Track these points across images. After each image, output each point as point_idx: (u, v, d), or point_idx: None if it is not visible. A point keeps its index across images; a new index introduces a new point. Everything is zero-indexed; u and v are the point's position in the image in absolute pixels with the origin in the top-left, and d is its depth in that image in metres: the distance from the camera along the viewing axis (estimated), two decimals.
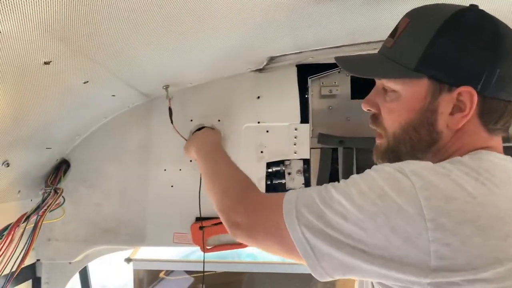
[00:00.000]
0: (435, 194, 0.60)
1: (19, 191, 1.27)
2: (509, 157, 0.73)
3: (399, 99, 0.75)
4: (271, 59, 1.33)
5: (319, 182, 1.35)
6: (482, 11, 0.72)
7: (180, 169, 1.41)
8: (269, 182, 1.39)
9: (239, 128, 1.39)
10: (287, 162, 1.39)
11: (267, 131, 1.39)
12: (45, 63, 0.85)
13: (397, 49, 0.75)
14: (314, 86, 1.37)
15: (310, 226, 0.66)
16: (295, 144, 1.38)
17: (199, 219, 1.38)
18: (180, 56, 1.10)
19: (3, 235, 1.06)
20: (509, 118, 0.73)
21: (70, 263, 1.46)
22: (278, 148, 1.38)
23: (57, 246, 1.43)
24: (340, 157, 1.35)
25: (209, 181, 1.02)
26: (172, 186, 1.41)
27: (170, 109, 1.34)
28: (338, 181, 0.71)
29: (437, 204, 0.59)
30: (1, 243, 1.04)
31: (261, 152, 1.39)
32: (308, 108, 1.37)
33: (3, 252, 1.04)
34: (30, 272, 1.43)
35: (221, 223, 1.34)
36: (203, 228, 1.37)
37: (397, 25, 0.78)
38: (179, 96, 1.39)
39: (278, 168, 1.39)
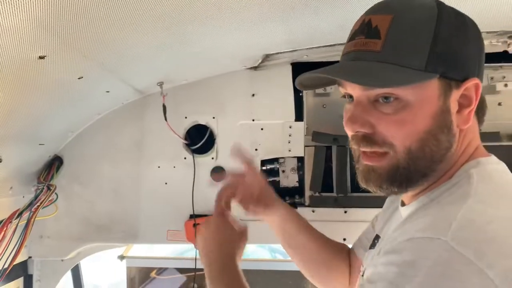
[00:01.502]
0: (493, 255, 0.53)
1: (11, 187, 1.26)
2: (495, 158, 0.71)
3: (409, 107, 0.64)
4: (266, 57, 1.33)
5: (313, 180, 1.36)
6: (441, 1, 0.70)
7: (174, 166, 1.41)
8: None
9: (233, 125, 1.39)
10: (281, 160, 1.40)
11: (262, 129, 1.39)
12: (40, 57, 0.85)
13: (392, 50, 0.65)
14: None
15: None
16: (289, 142, 1.38)
17: (192, 216, 1.38)
18: (174, 53, 1.10)
19: None
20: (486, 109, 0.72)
21: (62, 260, 1.45)
22: (273, 146, 1.39)
23: (50, 243, 1.42)
24: (334, 155, 1.36)
25: None
26: (166, 183, 1.41)
27: (164, 106, 1.33)
28: (331, 179, 0.67)
29: (500, 264, 0.52)
30: None
31: (256, 149, 1.39)
32: (302, 106, 1.37)
33: None
34: (22, 270, 1.42)
35: None
36: (197, 225, 1.37)
37: (368, 24, 0.67)
38: (173, 93, 1.38)
39: (273, 166, 1.39)
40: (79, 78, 1.03)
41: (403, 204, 0.76)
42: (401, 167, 0.66)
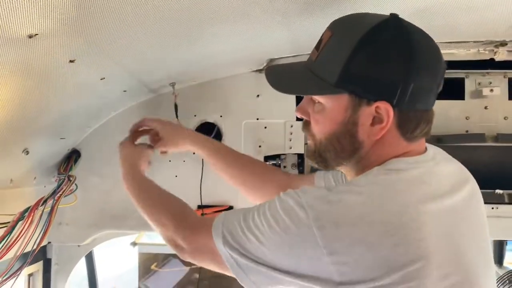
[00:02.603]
0: (326, 222, 0.68)
1: (35, 178, 1.37)
2: (424, 156, 0.79)
3: (324, 111, 0.79)
4: (271, 61, 1.44)
5: None
6: (401, 21, 0.75)
7: (184, 161, 1.51)
8: None
9: (239, 123, 1.50)
10: (282, 156, 1.50)
11: (265, 127, 1.50)
12: (70, 61, 0.94)
13: (319, 63, 0.78)
14: None
15: (235, 249, 0.76)
16: (290, 140, 1.48)
17: (200, 206, 1.49)
18: (188, 57, 1.20)
19: (24, 216, 1.16)
20: (425, 126, 0.78)
21: (79, 246, 1.56)
22: (275, 143, 1.49)
23: (67, 230, 1.54)
24: None
25: (143, 205, 1.07)
26: (176, 176, 1.52)
27: (175, 104, 1.44)
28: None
29: (328, 231, 0.68)
30: (23, 224, 1.15)
31: (259, 146, 1.49)
32: None
33: (24, 232, 1.15)
34: (42, 254, 1.53)
35: (221, 210, 1.47)
36: (204, 215, 1.48)
37: (321, 37, 0.80)
38: (184, 93, 1.48)
39: (275, 162, 1.50)
40: (101, 79, 1.13)
41: None
42: (317, 152, 0.84)
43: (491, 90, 1.40)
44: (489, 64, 1.41)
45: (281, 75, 0.88)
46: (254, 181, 1.22)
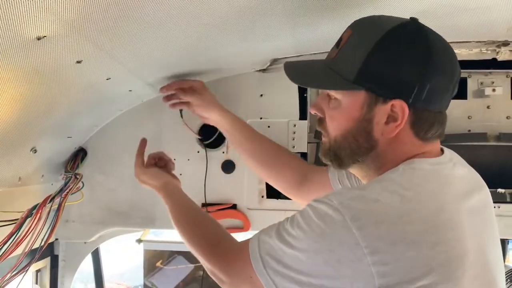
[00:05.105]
0: (365, 222, 0.68)
1: (42, 175, 1.40)
2: (443, 157, 0.81)
3: (340, 107, 0.81)
4: (274, 61, 1.46)
5: None
6: (420, 25, 0.78)
7: (188, 159, 1.54)
8: None
9: None
10: None
11: (268, 127, 1.51)
12: (77, 62, 0.96)
13: (339, 60, 0.80)
14: None
15: (275, 270, 0.74)
16: (293, 139, 1.50)
17: (204, 204, 1.51)
18: (196, 58, 1.22)
19: (32, 213, 1.19)
20: (439, 127, 0.80)
21: (85, 242, 1.59)
22: (278, 142, 1.49)
23: (74, 227, 1.56)
24: None
25: (182, 227, 1.07)
26: (180, 174, 1.53)
27: None
28: None
29: (369, 231, 0.67)
30: (31, 221, 1.17)
31: None
32: (306, 106, 1.49)
33: (32, 229, 1.17)
34: (49, 250, 1.57)
35: (225, 208, 1.49)
36: (208, 213, 1.50)
37: (341, 35, 0.83)
38: None
39: None
40: (107, 79, 1.15)
41: None
42: (332, 150, 0.85)
43: (494, 90, 1.41)
44: (492, 64, 1.42)
45: (300, 70, 0.90)
46: (272, 161, 1.26)
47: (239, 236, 1.15)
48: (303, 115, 1.49)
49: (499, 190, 1.37)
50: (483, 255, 0.74)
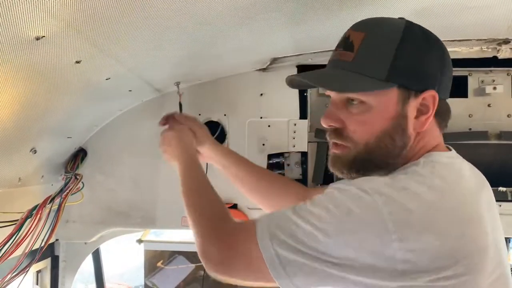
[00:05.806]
0: (398, 208, 0.67)
1: (42, 176, 1.39)
2: (453, 152, 0.83)
3: (371, 110, 0.78)
4: (274, 60, 1.45)
5: (315, 173, 1.48)
6: (413, 22, 0.80)
7: None
8: None
9: (243, 122, 1.52)
10: (286, 155, 1.51)
11: (269, 126, 1.51)
12: (76, 62, 0.96)
13: (361, 62, 0.78)
14: None
15: (282, 242, 0.71)
16: (294, 138, 1.50)
17: None
18: (196, 56, 1.22)
19: (32, 214, 1.18)
20: (450, 115, 0.84)
21: (85, 243, 1.59)
22: (279, 142, 1.51)
23: (75, 227, 1.56)
24: None
25: (188, 198, 1.05)
26: None
27: (180, 104, 1.45)
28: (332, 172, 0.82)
29: (400, 217, 0.66)
30: (31, 221, 1.17)
31: (263, 144, 1.51)
32: (306, 105, 1.49)
33: (33, 229, 1.17)
34: (50, 251, 1.56)
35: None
36: None
37: (347, 38, 0.80)
38: (188, 92, 1.50)
39: (278, 160, 1.51)
40: (106, 79, 1.15)
41: None
42: (359, 158, 0.80)
43: (494, 88, 1.41)
44: (492, 62, 1.42)
45: (322, 77, 0.84)
46: (271, 191, 1.22)
47: None
48: (303, 114, 1.49)
49: (501, 188, 1.37)
50: (498, 251, 0.75)
